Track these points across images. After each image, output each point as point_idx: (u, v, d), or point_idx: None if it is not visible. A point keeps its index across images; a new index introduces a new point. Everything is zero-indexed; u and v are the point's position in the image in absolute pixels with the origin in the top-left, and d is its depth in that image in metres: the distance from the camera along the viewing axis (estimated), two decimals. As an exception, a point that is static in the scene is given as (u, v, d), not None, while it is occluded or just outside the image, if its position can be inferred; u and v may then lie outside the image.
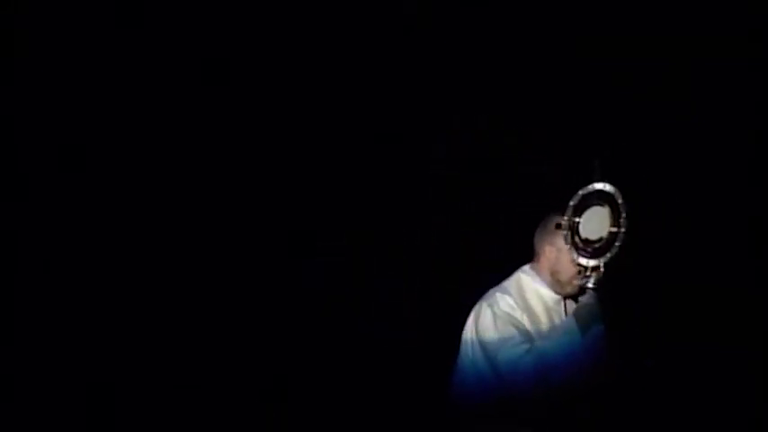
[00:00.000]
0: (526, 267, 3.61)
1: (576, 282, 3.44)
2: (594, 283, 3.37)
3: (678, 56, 4.43)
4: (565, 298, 3.57)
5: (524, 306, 3.49)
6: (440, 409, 3.56)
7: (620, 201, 3.35)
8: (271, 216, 4.53)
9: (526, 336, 3.41)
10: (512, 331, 3.40)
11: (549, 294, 3.55)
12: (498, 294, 3.51)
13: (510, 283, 3.59)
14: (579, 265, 3.39)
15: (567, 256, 3.45)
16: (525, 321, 3.45)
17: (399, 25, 4.53)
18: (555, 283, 3.54)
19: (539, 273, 3.58)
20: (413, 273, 4.70)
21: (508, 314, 3.44)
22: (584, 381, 3.31)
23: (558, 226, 3.44)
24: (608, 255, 3.33)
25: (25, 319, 4.15)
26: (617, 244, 3.32)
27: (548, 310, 3.54)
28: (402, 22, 4.53)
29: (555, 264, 3.52)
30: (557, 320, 3.51)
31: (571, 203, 3.41)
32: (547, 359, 3.30)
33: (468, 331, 3.51)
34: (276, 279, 4.51)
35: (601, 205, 3.39)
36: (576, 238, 3.40)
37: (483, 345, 3.43)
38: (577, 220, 3.40)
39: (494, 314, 3.44)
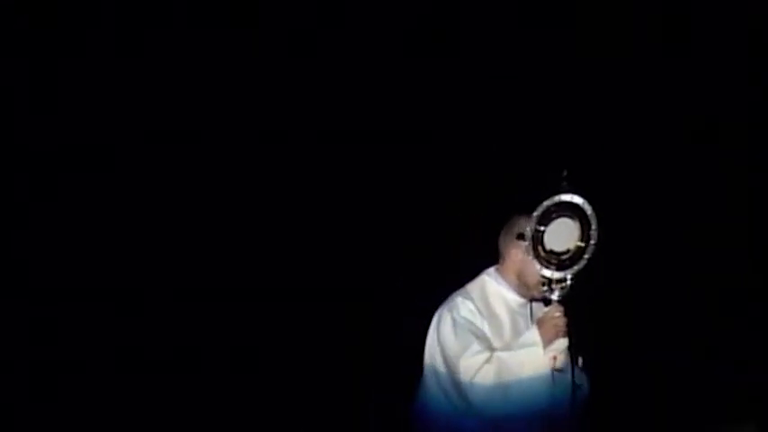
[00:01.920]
0: (491, 270, 3.56)
1: (542, 286, 3.39)
2: (559, 296, 3.34)
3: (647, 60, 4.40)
4: (531, 300, 3.53)
5: (487, 312, 3.44)
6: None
7: (589, 213, 3.32)
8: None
9: (486, 343, 3.36)
10: (471, 339, 3.34)
11: (513, 298, 3.50)
12: (459, 299, 3.45)
13: (473, 286, 3.53)
14: (543, 276, 3.34)
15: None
16: (486, 328, 3.41)
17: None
18: (521, 285, 3.49)
19: (504, 275, 3.53)
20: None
21: (468, 320, 3.39)
22: (545, 395, 3.28)
23: (521, 236, 3.39)
24: (575, 267, 3.30)
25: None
26: (585, 257, 3.29)
27: (512, 313, 3.49)
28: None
29: (521, 267, 3.47)
30: (522, 324, 3.47)
31: (535, 214, 3.36)
32: (508, 370, 3.26)
33: (430, 337, 3.46)
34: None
35: (569, 217, 3.35)
36: (540, 249, 3.35)
37: (443, 352, 3.37)
38: (542, 229, 3.34)
39: (453, 320, 3.39)
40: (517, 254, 3.46)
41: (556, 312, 3.33)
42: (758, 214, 4.49)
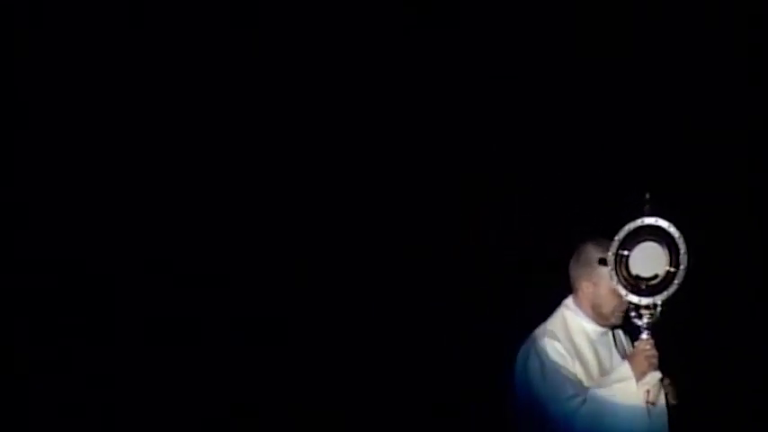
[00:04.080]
0: (569, 302, 3.45)
1: (620, 313, 3.30)
2: (648, 323, 3.21)
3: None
4: (612, 328, 3.44)
5: (574, 350, 3.33)
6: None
7: (676, 236, 3.19)
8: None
9: (579, 386, 3.25)
10: (563, 382, 3.24)
11: (592, 328, 3.40)
12: (547, 340, 3.34)
13: (555, 322, 3.42)
14: (630, 303, 3.22)
15: (605, 289, 3.31)
16: (577, 369, 3.30)
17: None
18: (597, 316, 3.39)
19: (581, 307, 3.42)
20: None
21: (558, 363, 3.28)
22: (641, 430, 3.16)
23: (602, 262, 3.27)
24: (665, 293, 3.17)
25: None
26: (676, 282, 3.16)
27: (593, 344, 3.39)
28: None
29: (594, 298, 3.37)
30: (604, 355, 3.38)
31: (617, 238, 3.24)
32: (602, 407, 3.16)
33: (518, 380, 3.35)
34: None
35: (654, 241, 3.22)
36: (625, 274, 3.23)
37: (532, 398, 3.27)
38: (626, 253, 3.23)
39: (542, 364, 3.28)
40: (588, 285, 3.37)
41: (647, 345, 3.21)
42: None
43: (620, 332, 3.44)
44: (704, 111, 4.40)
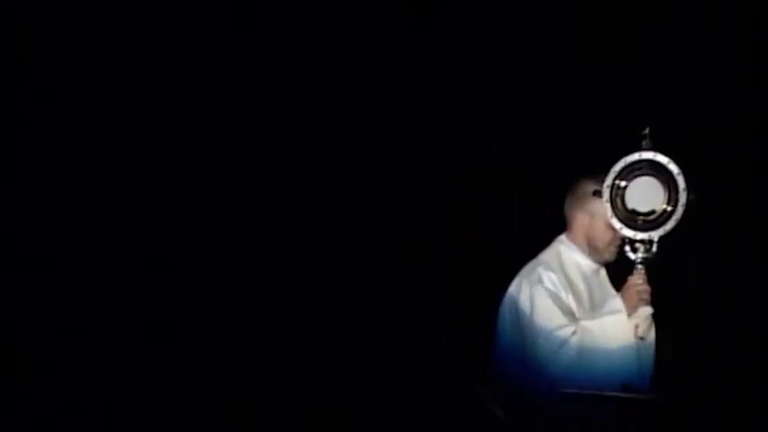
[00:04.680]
0: (563, 237, 3.45)
1: (614, 248, 3.29)
2: (642, 258, 3.19)
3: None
4: (604, 265, 3.43)
5: (567, 283, 3.32)
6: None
7: (675, 173, 3.15)
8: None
9: (570, 316, 3.24)
10: (555, 312, 3.23)
11: (587, 264, 3.40)
12: (541, 269, 3.33)
13: (549, 255, 3.41)
14: (625, 237, 3.20)
15: (600, 223, 3.30)
16: (570, 300, 3.29)
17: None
18: (592, 251, 3.39)
19: (574, 242, 3.42)
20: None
21: (552, 292, 3.27)
22: (629, 364, 3.16)
23: (597, 193, 3.25)
24: (662, 229, 3.13)
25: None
26: (674, 218, 3.12)
27: (587, 280, 3.39)
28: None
29: (589, 231, 3.37)
30: (597, 293, 3.37)
31: (613, 169, 3.22)
32: (592, 339, 3.15)
33: (508, 309, 3.35)
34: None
35: (652, 176, 3.18)
36: (621, 207, 3.21)
37: (520, 330, 3.27)
38: (623, 185, 3.20)
39: (533, 294, 3.27)
40: (583, 217, 3.36)
41: (639, 279, 3.19)
42: None
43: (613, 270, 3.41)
44: (706, 49, 4.31)
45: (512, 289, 3.36)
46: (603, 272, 3.44)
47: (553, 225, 3.54)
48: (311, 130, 4.42)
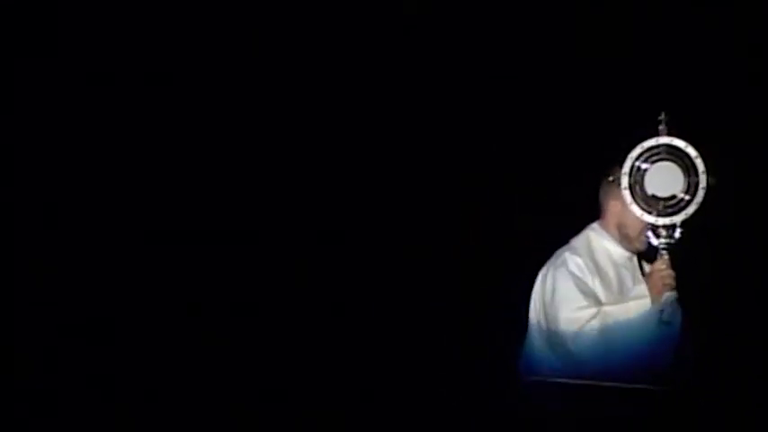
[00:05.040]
0: (595, 225, 3.45)
1: (646, 237, 3.25)
2: (665, 244, 3.16)
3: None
4: (639, 256, 3.41)
5: (595, 268, 3.33)
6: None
7: (693, 156, 3.13)
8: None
9: (593, 299, 3.25)
10: (576, 294, 3.24)
11: (618, 252, 3.39)
12: (567, 254, 3.35)
13: (579, 242, 3.42)
14: (648, 223, 3.17)
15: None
16: (596, 285, 3.29)
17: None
18: (623, 238, 3.37)
19: (607, 229, 3.41)
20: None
21: (576, 276, 3.28)
22: (651, 349, 3.14)
23: (614, 180, 3.24)
24: (683, 214, 3.11)
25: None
26: (696, 201, 3.10)
27: (617, 268, 3.38)
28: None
29: (621, 218, 3.34)
30: (628, 279, 3.36)
31: (630, 155, 3.20)
32: (615, 323, 3.16)
33: (536, 293, 3.38)
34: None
35: (671, 161, 3.16)
36: (640, 193, 3.18)
37: (548, 307, 3.28)
38: (644, 167, 3.17)
39: (559, 276, 3.29)
40: (616, 204, 3.33)
41: (662, 265, 3.18)
42: None
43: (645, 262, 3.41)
44: (722, 32, 4.27)
45: (540, 274, 3.38)
46: (635, 259, 3.42)
47: (569, 217, 3.55)
48: (311, 129, 4.44)
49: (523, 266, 3.53)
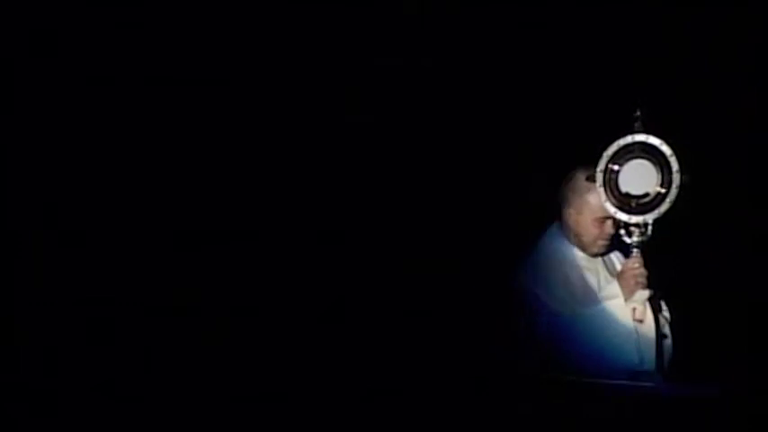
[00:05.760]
0: (554, 228, 3.44)
1: (603, 242, 3.30)
2: (638, 242, 3.17)
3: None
4: (601, 255, 3.40)
5: (560, 273, 3.33)
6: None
7: (668, 154, 3.14)
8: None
9: (560, 303, 3.25)
10: (556, 300, 3.25)
11: (579, 255, 3.38)
12: (536, 260, 3.36)
13: (544, 245, 3.42)
14: (620, 221, 3.18)
15: (587, 218, 3.29)
16: (560, 289, 3.29)
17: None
18: (579, 243, 3.36)
19: (564, 232, 3.40)
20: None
21: (548, 283, 3.29)
22: (630, 349, 3.15)
23: (590, 178, 3.23)
24: (656, 212, 3.12)
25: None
26: (669, 200, 3.11)
27: (579, 270, 3.36)
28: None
29: (575, 226, 3.34)
30: (592, 280, 3.35)
31: (606, 153, 3.20)
32: (591, 325, 3.17)
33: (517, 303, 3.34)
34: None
35: (645, 159, 3.17)
36: (614, 191, 3.19)
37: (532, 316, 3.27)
38: (616, 168, 3.18)
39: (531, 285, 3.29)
40: (570, 213, 3.33)
41: (635, 263, 3.18)
42: None
43: (612, 255, 3.41)
44: (695, 29, 4.30)
45: (516, 280, 3.36)
46: (601, 261, 3.41)
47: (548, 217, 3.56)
48: (311, 130, 4.41)
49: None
